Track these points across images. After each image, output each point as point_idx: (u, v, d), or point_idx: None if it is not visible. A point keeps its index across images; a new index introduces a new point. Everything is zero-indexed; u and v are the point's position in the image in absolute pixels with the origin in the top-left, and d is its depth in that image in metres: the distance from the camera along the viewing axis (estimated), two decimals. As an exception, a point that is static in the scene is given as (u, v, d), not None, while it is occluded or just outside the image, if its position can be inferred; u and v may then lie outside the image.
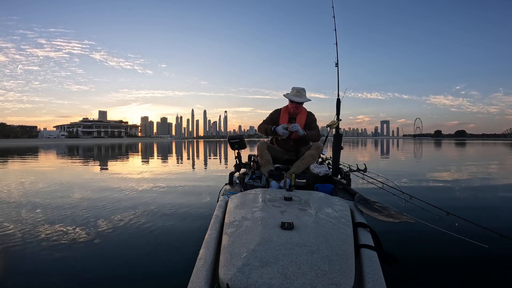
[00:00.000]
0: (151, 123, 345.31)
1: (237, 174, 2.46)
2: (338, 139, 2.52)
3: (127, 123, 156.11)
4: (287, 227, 1.10)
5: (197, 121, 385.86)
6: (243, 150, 2.58)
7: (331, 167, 2.63)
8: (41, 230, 2.41)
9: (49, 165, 8.76)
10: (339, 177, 2.47)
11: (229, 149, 2.61)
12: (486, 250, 1.60)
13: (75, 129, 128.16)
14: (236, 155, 2.62)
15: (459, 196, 3.97)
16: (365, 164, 2.71)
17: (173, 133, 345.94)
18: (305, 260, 0.94)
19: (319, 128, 2.85)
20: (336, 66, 2.74)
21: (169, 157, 12.27)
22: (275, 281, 0.87)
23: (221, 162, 9.67)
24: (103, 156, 13.70)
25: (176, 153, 15.75)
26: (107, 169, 7.73)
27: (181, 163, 9.41)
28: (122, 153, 16.11)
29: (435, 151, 17.20)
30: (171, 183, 4.88)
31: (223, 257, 1.00)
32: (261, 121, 2.91)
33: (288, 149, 2.76)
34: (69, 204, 3.36)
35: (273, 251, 0.97)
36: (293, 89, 2.71)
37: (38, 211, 3.04)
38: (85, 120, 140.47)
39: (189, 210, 3.06)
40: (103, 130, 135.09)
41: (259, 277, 0.88)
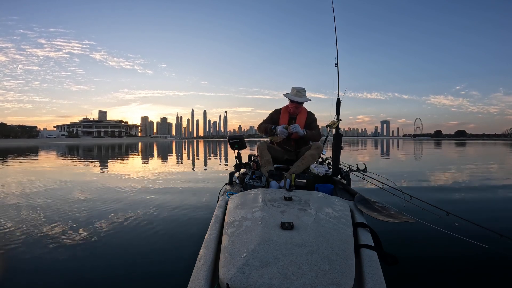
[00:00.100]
0: (151, 123, 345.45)
1: (237, 174, 2.46)
2: (338, 139, 2.52)
3: (127, 123, 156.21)
4: (287, 227, 1.10)
5: (197, 121, 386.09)
6: (243, 150, 2.58)
7: (331, 167, 2.63)
8: (41, 230, 2.41)
9: (49, 165, 8.76)
10: (339, 177, 2.47)
11: (229, 149, 2.61)
12: (486, 250, 1.60)
13: (75, 129, 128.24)
14: (236, 155, 2.62)
15: (459, 196, 3.97)
16: (365, 164, 2.71)
17: (173, 133, 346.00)
18: (305, 260, 0.94)
19: (319, 128, 2.85)
20: (335, 66, 2.74)
21: (169, 157, 12.26)
22: (275, 281, 0.87)
23: (221, 162, 9.67)
24: (103, 156, 13.70)
25: (176, 153, 15.75)
26: (107, 169, 7.73)
27: (181, 163, 9.41)
28: (122, 153, 16.10)
29: (435, 151, 17.20)
30: (171, 183, 4.88)
31: (223, 257, 1.00)
32: (261, 121, 2.91)
33: (288, 149, 2.76)
34: (69, 204, 3.36)
35: (273, 251, 0.97)
36: (293, 89, 2.71)
37: (38, 211, 3.04)
38: (85, 120, 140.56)
39: (189, 210, 3.06)
40: (103, 130, 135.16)
41: (259, 277, 0.88)
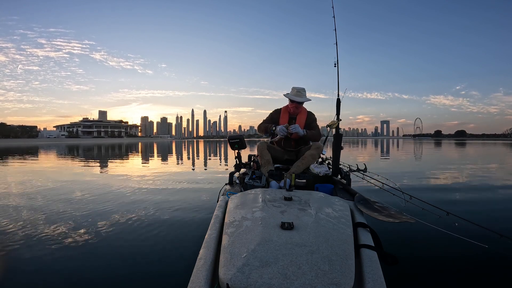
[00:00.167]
0: (151, 123, 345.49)
1: (237, 174, 2.46)
2: (338, 139, 2.52)
3: (127, 123, 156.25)
4: (287, 227, 1.10)
5: (197, 121, 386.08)
6: (243, 150, 2.58)
7: (331, 167, 2.63)
8: (41, 230, 2.41)
9: (49, 165, 8.76)
10: (339, 177, 2.47)
11: (229, 149, 2.61)
12: (486, 250, 1.60)
13: (75, 129, 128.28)
14: (236, 155, 2.62)
15: (459, 196, 3.97)
16: (365, 164, 2.71)
17: (173, 133, 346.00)
18: (305, 260, 0.94)
19: (319, 128, 2.85)
20: (335, 66, 2.74)
21: (169, 157, 12.26)
22: (275, 281, 0.87)
23: (221, 162, 9.67)
24: (103, 156, 13.70)
25: (176, 153, 15.75)
26: (107, 169, 7.73)
27: (181, 163, 9.41)
28: (122, 153, 16.10)
29: (435, 151, 17.20)
30: (171, 183, 4.88)
31: (223, 257, 1.00)
32: (261, 121, 2.91)
33: (288, 149, 2.76)
34: (69, 204, 3.36)
35: (273, 251, 0.97)
36: (293, 89, 2.71)
37: (38, 211, 3.04)
38: (85, 120, 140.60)
39: (189, 210, 3.06)
40: (103, 130, 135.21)
41: (259, 277, 0.88)
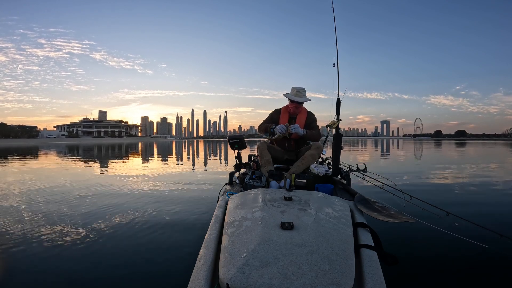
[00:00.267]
0: (151, 123, 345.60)
1: (237, 174, 2.46)
2: (338, 139, 2.52)
3: (127, 123, 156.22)
4: (287, 227, 1.11)
5: (197, 121, 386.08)
6: (243, 150, 2.58)
7: (331, 167, 2.63)
8: (41, 230, 2.41)
9: (49, 165, 8.76)
10: (339, 177, 2.47)
11: (229, 149, 2.61)
12: (486, 250, 1.60)
13: (75, 129, 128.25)
14: (236, 155, 2.62)
15: (459, 196, 3.97)
16: (365, 164, 2.71)
17: (173, 133, 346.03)
18: (305, 260, 0.94)
19: (319, 128, 2.85)
20: (334, 66, 2.74)
21: (169, 157, 12.26)
22: (275, 281, 0.87)
23: (221, 162, 9.67)
24: (103, 156, 13.70)
25: (176, 153, 15.75)
26: (107, 169, 7.73)
27: (181, 163, 9.41)
28: (122, 153, 16.10)
29: (435, 151, 17.19)
30: (171, 183, 4.88)
31: (223, 257, 1.00)
32: (261, 121, 2.91)
33: (288, 149, 2.76)
34: (68, 204, 3.36)
35: (273, 251, 0.97)
36: (293, 89, 2.72)
37: (38, 211, 3.04)
38: (85, 120, 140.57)
39: (189, 210, 3.06)
40: (103, 130, 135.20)
41: (259, 277, 0.88)
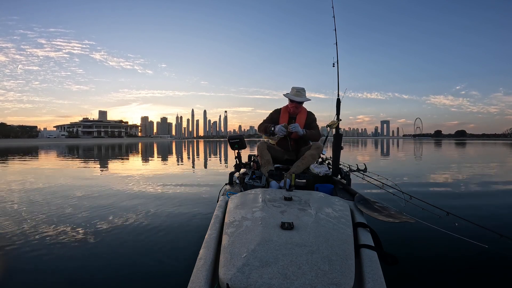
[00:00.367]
0: (151, 123, 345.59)
1: (237, 174, 2.46)
2: (338, 139, 2.52)
3: (127, 123, 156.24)
4: (287, 227, 1.10)
5: (197, 121, 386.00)
6: (243, 150, 2.58)
7: (331, 167, 2.63)
8: (41, 230, 2.41)
9: (49, 165, 8.76)
10: (339, 177, 2.47)
11: (229, 149, 2.61)
12: (486, 250, 1.60)
13: (75, 129, 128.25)
14: (236, 155, 2.62)
15: (459, 196, 3.97)
16: (365, 164, 2.71)
17: (173, 133, 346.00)
18: (305, 260, 0.94)
19: (319, 128, 2.85)
20: (333, 66, 2.74)
21: (169, 157, 12.26)
22: (275, 281, 0.87)
23: (221, 162, 9.67)
24: (104, 156, 13.70)
25: (176, 153, 15.75)
26: (107, 169, 7.73)
27: (181, 163, 9.41)
28: (122, 153, 16.10)
29: (435, 151, 17.19)
30: (170, 183, 4.88)
31: (223, 257, 1.00)
32: (261, 121, 2.91)
33: (288, 149, 2.76)
34: (68, 204, 3.36)
35: (273, 251, 0.97)
36: (293, 88, 2.71)
37: (38, 211, 3.04)
38: (85, 120, 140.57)
39: (189, 210, 3.06)
40: (103, 130, 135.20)
41: (259, 277, 0.88)
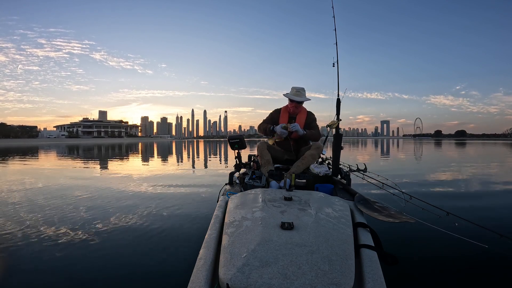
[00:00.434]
0: (151, 123, 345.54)
1: (237, 174, 2.46)
2: (338, 139, 2.52)
3: (127, 123, 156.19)
4: (287, 227, 1.10)
5: (197, 121, 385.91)
6: (243, 150, 2.58)
7: (331, 167, 2.63)
8: (41, 230, 2.41)
9: (49, 165, 8.76)
10: (339, 177, 2.47)
11: (229, 149, 2.61)
12: (486, 250, 1.60)
13: (75, 129, 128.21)
14: (236, 155, 2.62)
15: (459, 196, 3.97)
16: (365, 164, 2.71)
17: (173, 133, 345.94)
18: (305, 260, 0.94)
19: (319, 128, 2.85)
20: (333, 66, 2.74)
21: (169, 157, 12.26)
22: (275, 281, 0.86)
23: (221, 162, 9.67)
24: (104, 156, 13.70)
25: (176, 153, 15.75)
26: (107, 169, 7.73)
27: (181, 163, 9.41)
28: (122, 153, 16.11)
29: (435, 151, 17.19)
30: (171, 183, 4.88)
31: (223, 257, 1.00)
32: (261, 121, 2.91)
33: (288, 149, 2.76)
34: (69, 204, 3.36)
35: (273, 251, 0.97)
36: (293, 88, 2.72)
37: (38, 211, 3.04)
38: (85, 120, 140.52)
39: (189, 210, 3.06)
40: (103, 130, 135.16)
41: (259, 277, 0.88)
